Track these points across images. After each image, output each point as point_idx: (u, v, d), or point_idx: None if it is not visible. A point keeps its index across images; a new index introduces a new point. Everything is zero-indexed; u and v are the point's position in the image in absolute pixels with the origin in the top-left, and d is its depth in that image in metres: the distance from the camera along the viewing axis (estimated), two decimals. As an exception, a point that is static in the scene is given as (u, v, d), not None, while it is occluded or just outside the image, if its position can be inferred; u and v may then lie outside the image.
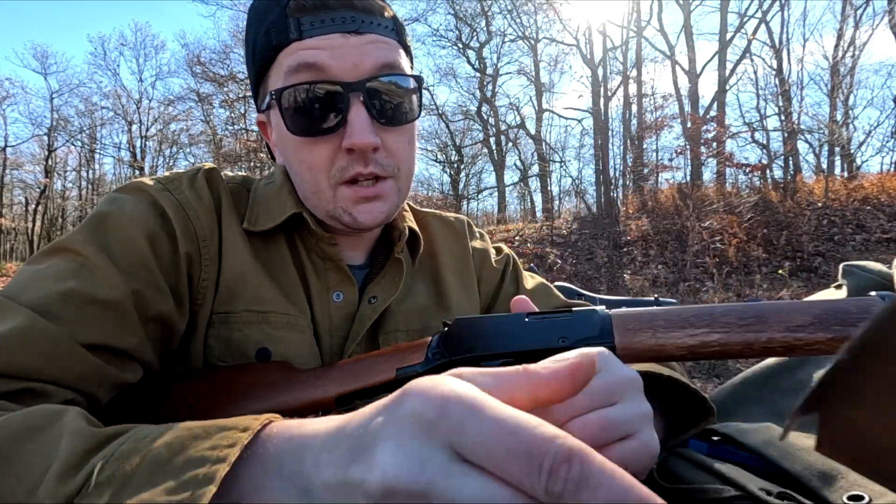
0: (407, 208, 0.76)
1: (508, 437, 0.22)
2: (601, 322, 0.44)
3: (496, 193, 18.09)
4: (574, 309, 0.46)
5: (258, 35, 0.60)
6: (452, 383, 0.25)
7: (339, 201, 0.60)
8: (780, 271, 6.56)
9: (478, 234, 0.85)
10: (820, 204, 8.60)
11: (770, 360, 0.55)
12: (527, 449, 0.21)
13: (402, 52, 0.62)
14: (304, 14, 0.56)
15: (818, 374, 0.48)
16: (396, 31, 0.61)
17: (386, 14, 0.60)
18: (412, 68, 0.65)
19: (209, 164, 0.67)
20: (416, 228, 0.73)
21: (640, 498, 0.20)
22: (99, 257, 0.52)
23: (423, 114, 0.64)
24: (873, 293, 0.41)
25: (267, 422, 0.32)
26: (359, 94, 0.56)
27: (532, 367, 0.28)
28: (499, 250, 0.87)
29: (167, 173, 0.64)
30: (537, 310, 0.48)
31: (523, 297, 0.49)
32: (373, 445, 0.25)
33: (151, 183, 0.60)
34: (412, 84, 0.60)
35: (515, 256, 0.87)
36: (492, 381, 0.27)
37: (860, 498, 0.34)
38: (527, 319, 0.46)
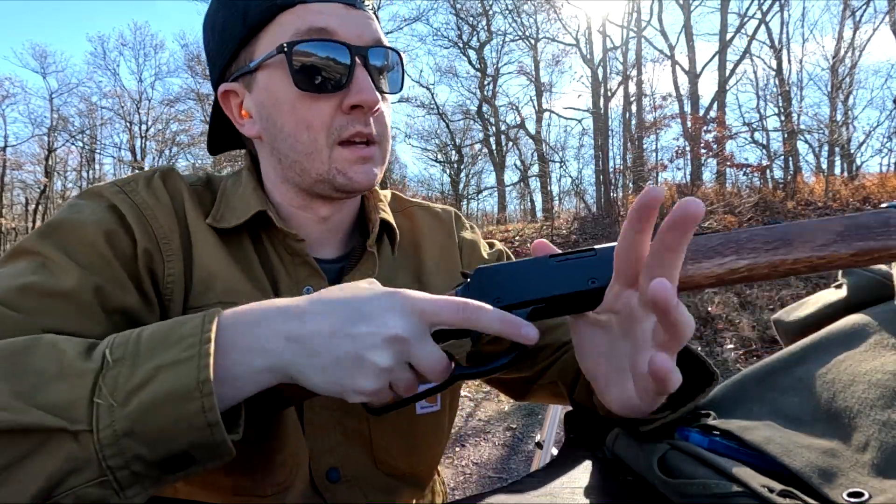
0: (383, 198, 0.76)
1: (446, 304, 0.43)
2: None
3: (496, 193, 18.09)
4: (596, 247, 0.46)
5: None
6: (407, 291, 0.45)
7: (336, 161, 0.61)
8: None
9: (467, 226, 0.85)
10: (820, 204, 8.60)
11: (769, 358, 0.55)
12: (455, 306, 0.43)
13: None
14: None
15: (820, 373, 0.48)
16: (375, 16, 0.66)
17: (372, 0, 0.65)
18: None
19: (167, 166, 0.68)
20: (390, 219, 0.73)
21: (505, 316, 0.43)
22: (56, 255, 0.53)
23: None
24: (884, 204, 0.42)
25: (218, 311, 0.42)
26: (362, 57, 0.60)
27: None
28: (491, 245, 0.86)
29: (125, 176, 0.64)
30: (559, 251, 0.47)
31: (543, 240, 0.49)
32: (380, 315, 0.42)
33: (108, 187, 0.62)
34: (398, 60, 0.65)
35: (509, 252, 0.87)
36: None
37: (860, 495, 0.34)
38: (553, 262, 0.45)
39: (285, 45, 0.58)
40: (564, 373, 0.74)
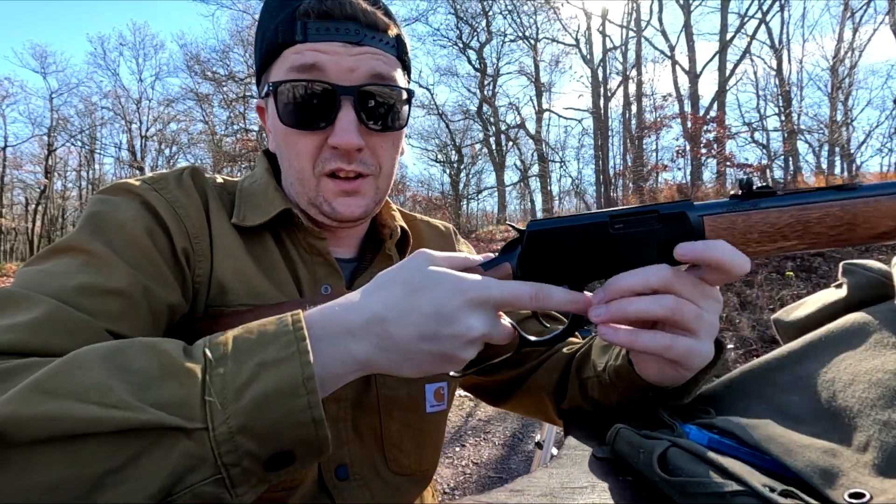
0: (395, 210, 0.80)
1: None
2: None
3: (496, 193, 18.10)
4: (661, 209, 0.48)
5: (268, 29, 0.64)
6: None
7: (322, 191, 0.64)
8: (787, 273, 6.56)
9: (463, 242, 0.91)
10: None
11: (769, 356, 0.55)
12: (527, 295, 0.46)
13: (399, 67, 0.66)
14: (310, 20, 0.61)
15: (820, 371, 0.48)
16: (397, 48, 0.66)
17: (389, 32, 0.65)
18: (409, 82, 0.70)
19: (193, 164, 0.69)
20: (406, 226, 0.77)
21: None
22: (104, 252, 0.52)
23: (410, 122, 0.70)
24: None
25: (298, 311, 0.43)
26: (350, 97, 0.61)
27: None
28: None
29: (152, 174, 0.65)
30: (619, 209, 0.50)
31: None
32: (459, 316, 0.44)
33: (138, 183, 0.61)
34: (403, 95, 0.65)
35: None
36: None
37: (861, 495, 0.34)
38: (611, 231, 0.48)
39: (271, 84, 0.62)
40: (550, 374, 0.75)
